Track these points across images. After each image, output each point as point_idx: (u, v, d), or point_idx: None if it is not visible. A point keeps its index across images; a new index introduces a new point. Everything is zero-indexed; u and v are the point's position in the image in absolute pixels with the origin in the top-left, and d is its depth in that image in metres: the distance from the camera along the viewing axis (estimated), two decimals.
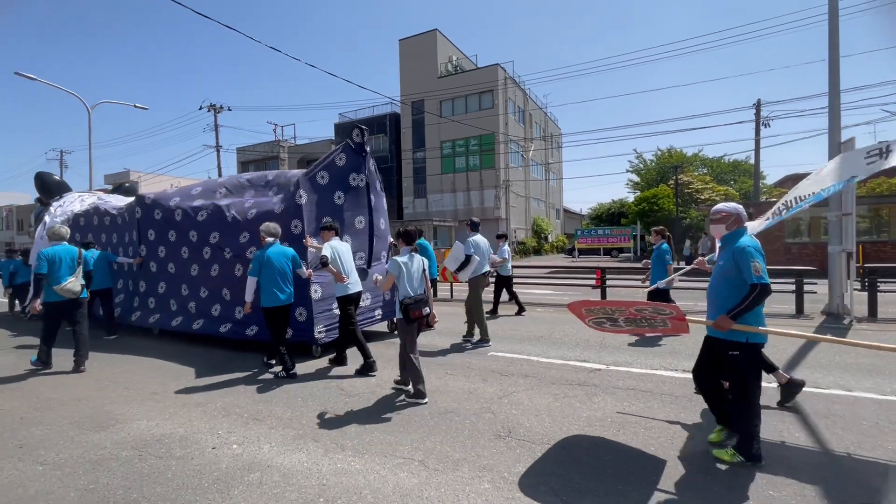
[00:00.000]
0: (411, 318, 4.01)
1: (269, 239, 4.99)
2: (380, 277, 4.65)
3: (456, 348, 6.15)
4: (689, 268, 4.90)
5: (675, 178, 27.90)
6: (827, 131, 7.85)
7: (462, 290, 10.14)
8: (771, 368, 3.72)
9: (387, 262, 6.60)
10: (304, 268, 5.24)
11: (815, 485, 2.59)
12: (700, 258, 4.03)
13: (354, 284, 5.17)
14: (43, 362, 5.47)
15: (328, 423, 3.65)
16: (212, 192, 6.92)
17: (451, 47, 34.83)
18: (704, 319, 3.01)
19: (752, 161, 26.34)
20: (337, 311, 5.42)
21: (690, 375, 4.58)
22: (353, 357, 5.34)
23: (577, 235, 33.60)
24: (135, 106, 19.65)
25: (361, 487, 2.66)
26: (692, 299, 9.53)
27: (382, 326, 7.30)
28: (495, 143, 30.19)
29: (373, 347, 5.45)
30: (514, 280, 10.85)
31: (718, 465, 2.83)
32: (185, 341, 6.76)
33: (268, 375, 5.02)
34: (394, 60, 34.33)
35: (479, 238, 6.63)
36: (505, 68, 31.37)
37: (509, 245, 31.61)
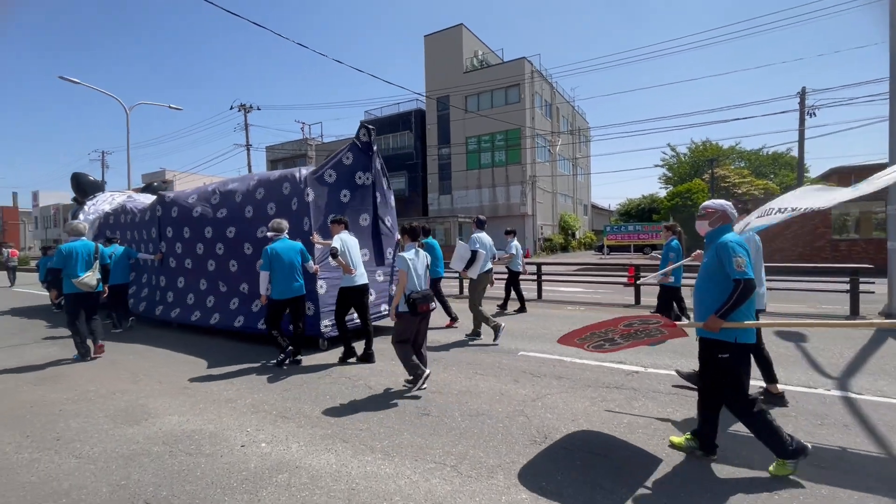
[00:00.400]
0: (418, 311, 4.12)
1: (275, 234, 5.24)
2: (382, 274, 4.98)
3: (484, 348, 5.98)
4: (686, 261, 4.76)
5: (710, 171, 26.79)
6: (888, 119, 7.23)
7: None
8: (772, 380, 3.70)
9: (393, 260, 6.80)
10: (311, 262, 5.42)
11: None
12: (698, 251, 3.91)
13: (361, 276, 5.30)
14: (82, 355, 5.68)
15: (357, 422, 3.56)
16: (225, 190, 7.07)
17: (476, 42, 34.46)
18: (694, 322, 2.87)
19: (793, 153, 25.01)
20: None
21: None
22: (383, 356, 5.24)
23: (607, 232, 32.76)
24: (169, 107, 20.27)
25: (392, 493, 2.55)
26: None
27: (389, 321, 7.14)
28: (521, 138, 29.72)
29: (381, 342, 5.43)
30: (542, 277, 10.63)
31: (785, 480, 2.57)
32: (215, 336, 6.85)
33: (301, 374, 4.99)
34: (419, 57, 34.27)
35: (483, 235, 6.61)
36: (531, 62, 30.79)
37: (536, 241, 30.86)
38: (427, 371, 4.28)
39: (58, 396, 4.32)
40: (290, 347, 5.23)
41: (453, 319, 7.36)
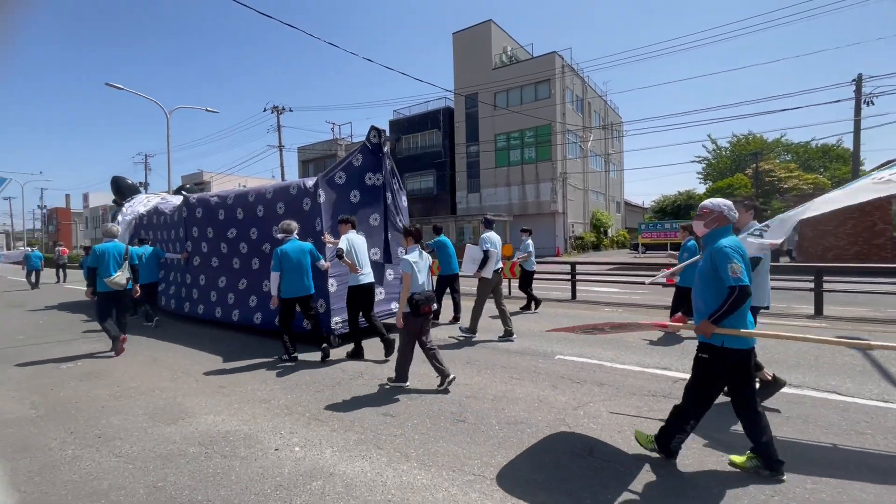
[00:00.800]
0: (421, 312, 4.17)
1: (284, 236, 5.42)
2: (393, 273, 5.39)
3: (517, 351, 5.79)
4: (692, 260, 4.63)
5: (754, 165, 25.46)
6: None
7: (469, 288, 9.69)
8: (757, 367, 3.52)
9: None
10: (322, 261, 5.57)
11: None
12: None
13: (367, 276, 5.42)
14: (114, 350, 5.96)
15: (391, 427, 3.45)
16: (243, 193, 7.36)
17: (505, 38, 34.01)
18: (687, 325, 2.89)
19: (846, 145, 23.40)
20: None
21: (806, 391, 3.98)
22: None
23: (642, 230, 31.71)
24: (206, 110, 20.93)
25: None
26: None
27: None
28: (552, 135, 29.12)
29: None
30: (576, 276, 10.29)
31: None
32: (250, 333, 6.93)
33: (334, 374, 4.95)
34: (447, 55, 34.04)
35: (492, 234, 6.60)
36: (562, 56, 30.11)
37: (567, 239, 30.28)
38: (407, 383, 4.39)
39: (101, 392, 4.43)
40: (325, 345, 5.42)
41: (456, 318, 7.55)
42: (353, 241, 5.33)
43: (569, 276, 10.35)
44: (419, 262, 4.31)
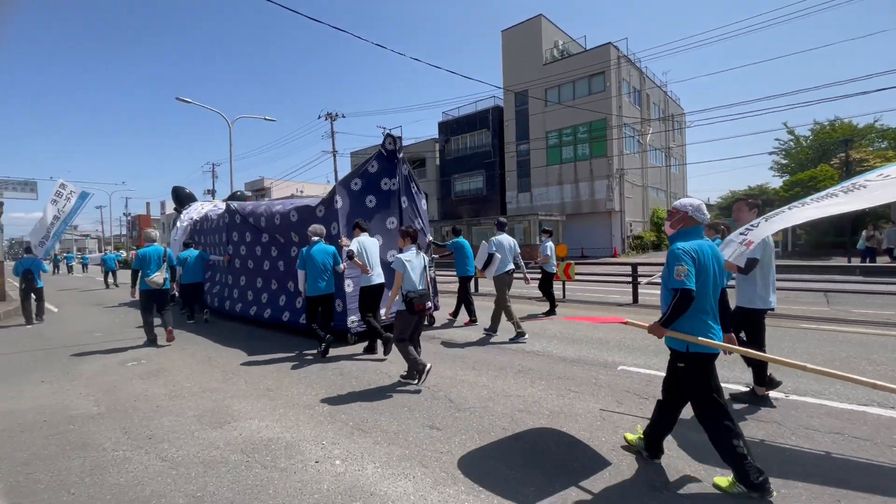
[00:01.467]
0: (415, 310, 4.38)
1: (315, 238, 5.74)
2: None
3: (574, 360, 5.33)
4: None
5: (842, 154, 22.77)
6: None
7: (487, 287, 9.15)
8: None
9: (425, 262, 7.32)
10: (340, 264, 5.88)
11: None
12: None
13: (377, 276, 5.68)
14: (150, 340, 6.69)
15: (437, 443, 3.19)
16: (275, 204, 7.85)
17: (557, 32, 32.97)
18: (639, 324, 2.94)
19: None
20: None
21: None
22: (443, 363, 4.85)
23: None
24: (264, 118, 21.95)
25: None
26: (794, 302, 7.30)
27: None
28: (607, 129, 27.76)
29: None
30: (638, 278, 9.55)
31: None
32: (303, 335, 6.97)
33: (380, 381, 4.79)
34: (495, 54, 33.60)
35: (503, 237, 6.72)
36: (618, 47, 28.66)
37: (625, 239, 28.73)
38: (428, 365, 4.43)
39: (158, 391, 4.53)
40: (329, 336, 5.70)
41: (472, 319, 7.62)
42: (365, 243, 5.64)
43: (629, 278, 9.61)
44: (413, 261, 4.47)
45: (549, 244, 8.30)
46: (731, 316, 3.24)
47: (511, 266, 6.69)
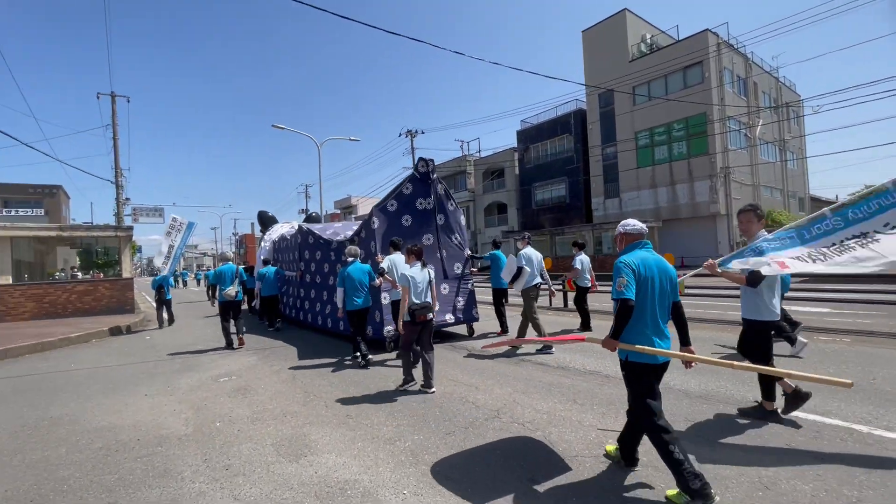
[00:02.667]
0: (417, 321, 4.78)
1: (350, 259, 6.30)
2: (447, 287, 7.25)
3: (685, 391, 4.33)
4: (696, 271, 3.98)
5: None
6: None
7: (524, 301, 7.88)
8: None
9: (462, 274, 7.66)
10: (375, 279, 6.29)
11: None
12: (710, 261, 3.71)
13: None
14: (228, 343, 7.82)
15: (543, 501, 2.55)
16: (331, 226, 9.32)
17: (643, 25, 30.73)
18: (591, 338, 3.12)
19: None
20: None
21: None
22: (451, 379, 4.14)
23: None
24: (349, 139, 23.01)
25: None
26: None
27: (455, 328, 8.06)
28: (708, 124, 24.97)
29: (448, 350, 4.33)
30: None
31: None
32: (371, 348, 6.71)
33: (467, 412, 4.26)
34: (574, 56, 32.18)
35: (530, 251, 6.86)
36: (716, 33, 25.84)
37: (733, 246, 25.64)
38: (417, 384, 4.86)
39: (242, 412, 4.44)
40: (363, 349, 6.11)
41: (503, 330, 7.78)
42: (395, 260, 6.09)
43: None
44: (416, 277, 4.82)
45: (582, 257, 8.06)
46: (744, 332, 3.65)
47: (538, 280, 6.77)
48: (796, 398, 3.51)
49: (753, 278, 3.41)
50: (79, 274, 15.61)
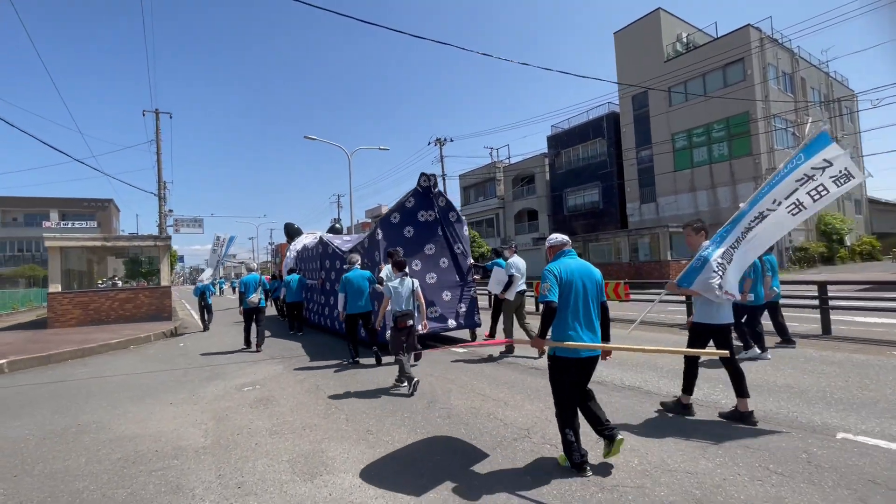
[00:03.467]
0: (399, 327, 5.22)
1: (349, 266, 6.85)
2: (449, 293, 7.72)
3: (759, 416, 3.86)
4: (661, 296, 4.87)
5: None
6: None
7: None
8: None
9: (464, 281, 8.00)
10: (375, 284, 6.80)
11: None
12: (670, 282, 4.08)
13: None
14: (247, 343, 8.75)
15: None
16: (345, 238, 10.48)
17: (678, 24, 29.66)
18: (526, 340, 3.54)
19: None
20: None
21: None
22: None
23: None
24: (379, 148, 23.19)
25: None
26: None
27: (456, 333, 8.38)
28: (751, 123, 23.70)
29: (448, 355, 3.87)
30: (828, 301, 7.30)
31: None
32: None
33: (496, 431, 3.96)
34: (604, 61, 31.39)
35: (517, 259, 7.07)
36: (759, 28, 24.58)
37: (783, 252, 24.07)
38: (416, 378, 5.14)
39: (262, 424, 4.31)
40: (356, 356, 6.88)
41: (490, 334, 7.84)
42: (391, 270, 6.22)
43: (816, 303, 7.37)
44: (398, 287, 5.31)
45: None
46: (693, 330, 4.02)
47: (524, 287, 7.09)
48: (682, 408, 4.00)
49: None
50: (119, 283, 16.28)
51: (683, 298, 9.14)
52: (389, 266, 6.13)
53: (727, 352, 3.57)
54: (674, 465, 3.03)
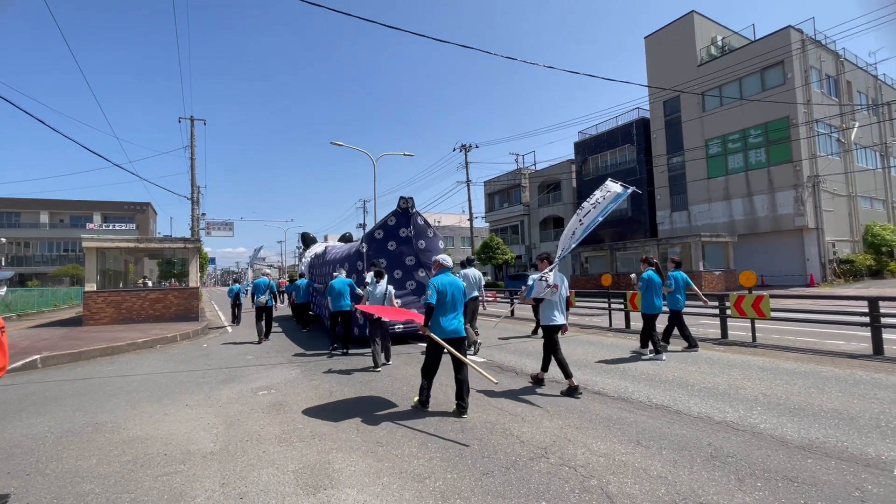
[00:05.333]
0: (373, 320, 6.87)
1: (335, 274, 8.61)
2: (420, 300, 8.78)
3: (809, 447, 3.50)
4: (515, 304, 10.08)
5: None
6: None
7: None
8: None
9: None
10: (357, 290, 8.28)
11: None
12: (521, 292, 6.61)
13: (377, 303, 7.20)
14: (259, 336, 10.18)
15: None
16: (340, 247, 12.02)
17: (713, 27, 28.71)
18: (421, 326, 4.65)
19: None
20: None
21: None
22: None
23: None
24: (404, 154, 23.29)
25: None
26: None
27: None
28: (791, 128, 22.59)
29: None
30: (880, 318, 6.73)
31: None
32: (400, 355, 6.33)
33: (510, 449, 3.75)
34: (634, 66, 30.65)
35: (470, 270, 8.52)
36: (800, 29, 23.48)
37: (826, 264, 22.84)
38: (381, 364, 6.79)
39: (272, 431, 4.23)
40: (335, 345, 8.54)
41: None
42: (372, 277, 7.49)
43: (866, 320, 6.81)
44: (374, 290, 7.01)
45: (535, 276, 9.13)
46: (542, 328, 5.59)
47: (476, 294, 8.40)
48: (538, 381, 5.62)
49: (537, 300, 5.54)
50: (149, 283, 16.82)
51: (718, 313, 8.65)
52: (371, 273, 7.44)
53: (461, 357, 4.58)
54: (706, 498, 2.75)
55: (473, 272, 8.51)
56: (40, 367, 7.81)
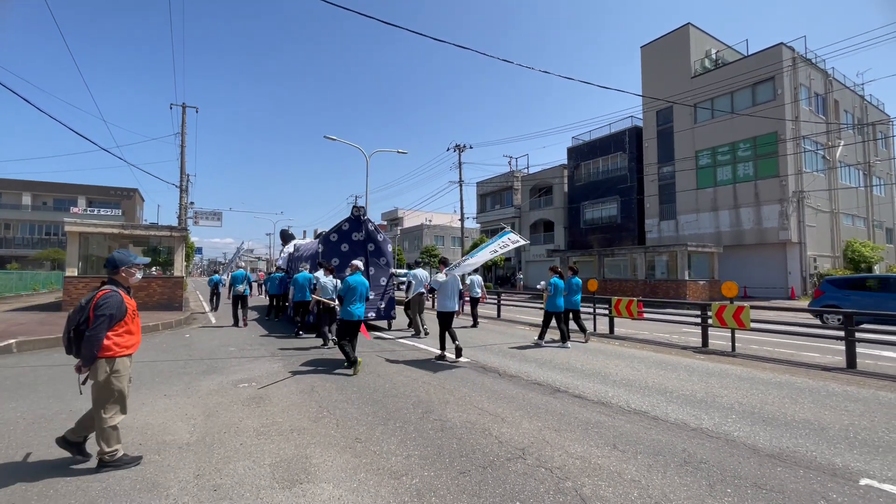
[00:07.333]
0: (324, 309, 8.46)
1: (300, 268, 10.53)
2: (373, 294, 10.04)
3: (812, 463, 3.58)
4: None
5: None
6: None
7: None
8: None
9: (386, 285, 10.94)
10: (317, 284, 8.90)
11: None
12: (427, 285, 9.89)
13: (334, 300, 8.32)
14: (234, 322, 11.46)
15: None
16: (305, 244, 13.99)
17: (708, 40, 29.13)
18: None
19: None
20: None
21: None
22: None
23: None
24: (397, 151, 23.22)
25: None
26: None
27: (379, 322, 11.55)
28: (779, 144, 23.02)
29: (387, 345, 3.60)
30: (854, 335, 6.87)
31: None
32: (418, 368, 6.32)
33: (489, 449, 3.78)
34: (629, 76, 30.97)
35: (418, 271, 10.47)
36: (792, 47, 23.94)
37: (807, 278, 23.44)
38: (332, 339, 8.19)
39: (251, 424, 4.20)
40: (297, 328, 10.03)
41: (416, 333, 10.18)
42: (319, 277, 8.64)
43: (841, 336, 6.98)
44: (327, 284, 8.39)
45: (475, 278, 12.40)
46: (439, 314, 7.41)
47: (422, 290, 10.24)
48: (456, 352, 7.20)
49: (433, 290, 7.47)
50: None
51: (700, 321, 8.81)
52: (322, 270, 8.69)
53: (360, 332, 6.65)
54: (677, 502, 2.80)
55: (421, 272, 10.43)
56: (16, 352, 7.64)
